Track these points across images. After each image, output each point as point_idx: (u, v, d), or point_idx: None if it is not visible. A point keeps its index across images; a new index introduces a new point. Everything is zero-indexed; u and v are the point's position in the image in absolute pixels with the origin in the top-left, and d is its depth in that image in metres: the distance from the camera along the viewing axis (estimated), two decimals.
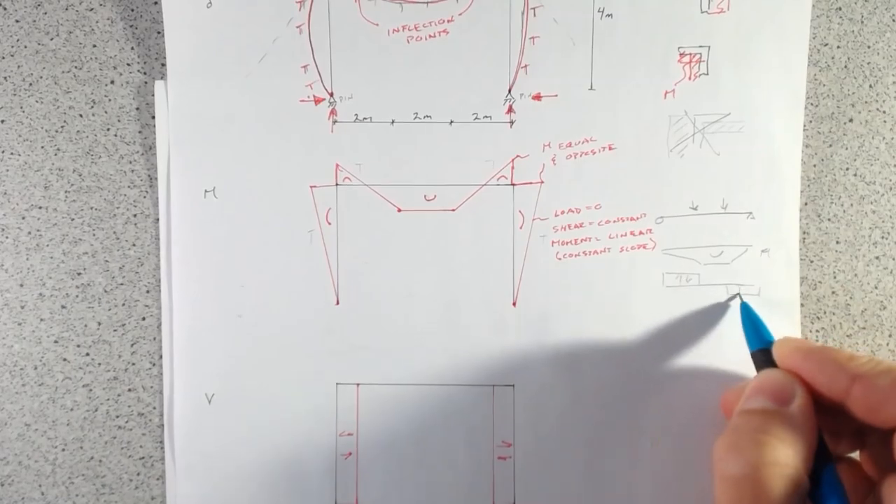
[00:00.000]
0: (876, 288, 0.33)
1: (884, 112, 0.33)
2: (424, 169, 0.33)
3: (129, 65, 0.33)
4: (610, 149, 0.32)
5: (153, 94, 0.33)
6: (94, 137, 0.33)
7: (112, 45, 0.33)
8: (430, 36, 0.32)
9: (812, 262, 0.33)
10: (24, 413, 0.33)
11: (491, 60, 0.32)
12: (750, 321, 0.30)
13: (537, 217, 0.32)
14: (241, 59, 0.32)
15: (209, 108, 0.32)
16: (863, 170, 0.33)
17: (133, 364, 0.33)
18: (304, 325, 0.33)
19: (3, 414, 0.33)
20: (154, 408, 0.33)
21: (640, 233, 0.32)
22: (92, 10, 0.33)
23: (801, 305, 0.33)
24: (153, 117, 0.33)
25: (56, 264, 0.33)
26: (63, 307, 0.33)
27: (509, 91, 0.32)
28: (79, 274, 0.33)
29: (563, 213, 0.32)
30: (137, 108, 0.33)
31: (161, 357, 0.33)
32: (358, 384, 0.33)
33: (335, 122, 0.33)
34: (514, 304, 0.32)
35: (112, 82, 0.33)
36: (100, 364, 0.33)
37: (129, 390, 0.33)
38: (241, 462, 0.32)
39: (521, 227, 0.32)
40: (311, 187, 0.33)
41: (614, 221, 0.32)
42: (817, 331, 0.33)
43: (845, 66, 0.33)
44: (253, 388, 0.32)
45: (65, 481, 0.33)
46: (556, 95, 0.32)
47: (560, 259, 0.32)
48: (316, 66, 0.32)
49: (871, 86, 0.33)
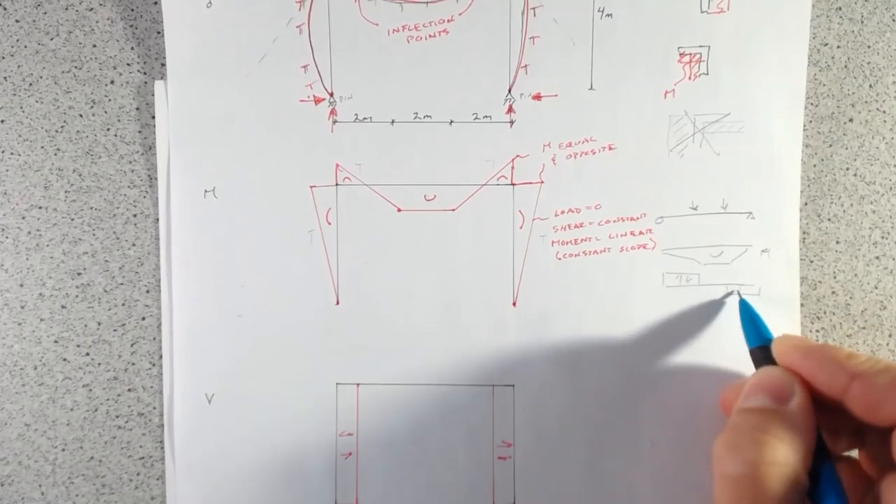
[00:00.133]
0: (876, 288, 0.33)
1: (884, 112, 0.33)
2: (424, 169, 0.33)
3: (129, 65, 0.33)
4: (610, 149, 0.32)
5: (153, 94, 0.33)
6: (94, 137, 0.33)
7: (112, 45, 0.33)
8: (430, 36, 0.32)
9: (812, 262, 0.33)
10: (24, 413, 0.33)
11: (491, 60, 0.32)
12: (749, 318, 0.30)
13: (537, 217, 0.32)
14: (241, 59, 0.32)
15: (209, 108, 0.33)
16: (863, 170, 0.33)
17: (133, 364, 0.33)
18: (304, 325, 0.33)
19: (3, 414, 0.33)
20: (154, 408, 0.33)
21: (640, 233, 0.32)
22: (92, 10, 0.33)
23: (801, 305, 0.33)
24: (153, 117, 0.33)
25: (56, 264, 0.33)
26: (63, 307, 0.33)
27: (509, 91, 0.32)
28: (79, 274, 0.33)
29: (563, 213, 0.32)
30: (137, 108, 0.33)
31: (161, 357, 0.33)
32: (358, 384, 0.33)
33: (335, 122, 0.33)
34: (514, 304, 0.32)
35: (112, 82, 0.33)
36: (100, 364, 0.33)
37: (129, 390, 0.33)
38: (241, 462, 0.32)
39: (521, 227, 0.32)
40: (311, 187, 0.33)
41: (614, 221, 0.32)
42: (817, 331, 0.33)
43: (845, 66, 0.33)
44: (253, 388, 0.32)
45: (65, 481, 0.33)
46: (556, 95, 0.32)
47: (560, 259, 0.32)
48: (316, 66, 0.32)
49: (871, 86, 0.33)
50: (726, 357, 0.32)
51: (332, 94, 0.33)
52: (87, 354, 0.33)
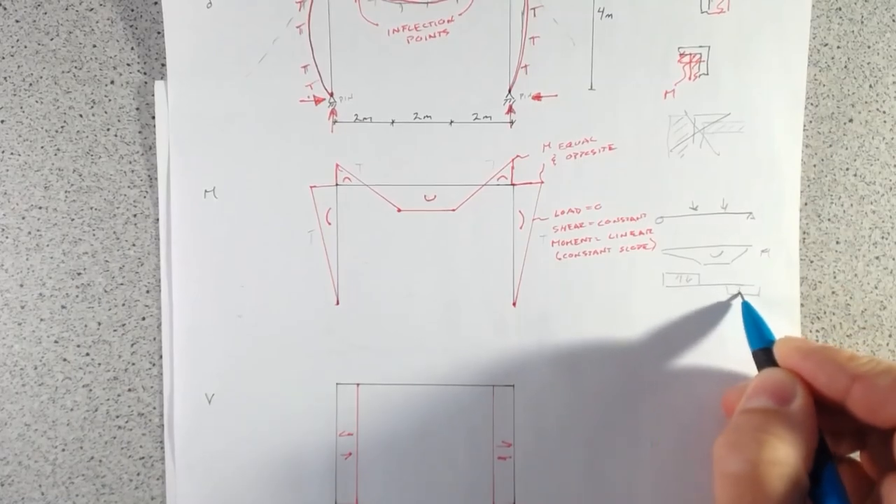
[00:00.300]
0: (876, 288, 0.33)
1: (884, 112, 0.33)
2: (424, 169, 0.33)
3: (129, 65, 0.33)
4: (610, 149, 0.32)
5: (153, 94, 0.33)
6: (94, 137, 0.33)
7: (112, 45, 0.33)
8: (430, 36, 0.32)
9: (812, 262, 0.33)
10: (24, 413, 0.33)
11: (491, 60, 0.32)
12: (751, 320, 0.30)
13: (537, 217, 0.32)
14: (241, 59, 0.32)
15: (209, 108, 0.33)
16: (863, 170, 0.33)
17: (133, 364, 0.33)
18: (304, 325, 0.32)
19: (3, 414, 0.33)
20: (154, 408, 0.33)
21: (640, 233, 0.32)
22: (92, 10, 0.33)
23: (801, 305, 0.33)
24: (153, 117, 0.33)
25: (56, 264, 0.33)
26: (63, 307, 0.33)
27: (509, 91, 0.32)
28: (79, 274, 0.33)
29: (563, 213, 0.32)
30: (137, 108, 0.33)
31: (161, 357, 0.33)
32: (358, 384, 0.33)
33: (335, 122, 0.33)
34: (514, 304, 0.32)
35: (112, 82, 0.33)
36: (100, 364, 0.33)
37: (129, 390, 0.33)
38: (241, 462, 0.32)
39: (521, 227, 0.32)
40: (311, 187, 0.33)
41: (614, 221, 0.32)
42: (817, 331, 0.33)
43: (845, 66, 0.33)
44: (253, 388, 0.32)
45: (65, 481, 0.33)
46: (556, 95, 0.32)
47: (560, 259, 0.32)
48: (316, 66, 0.32)
49: (871, 86, 0.33)
50: (726, 357, 0.32)
51: (332, 94, 0.33)
52: (87, 354, 0.33)
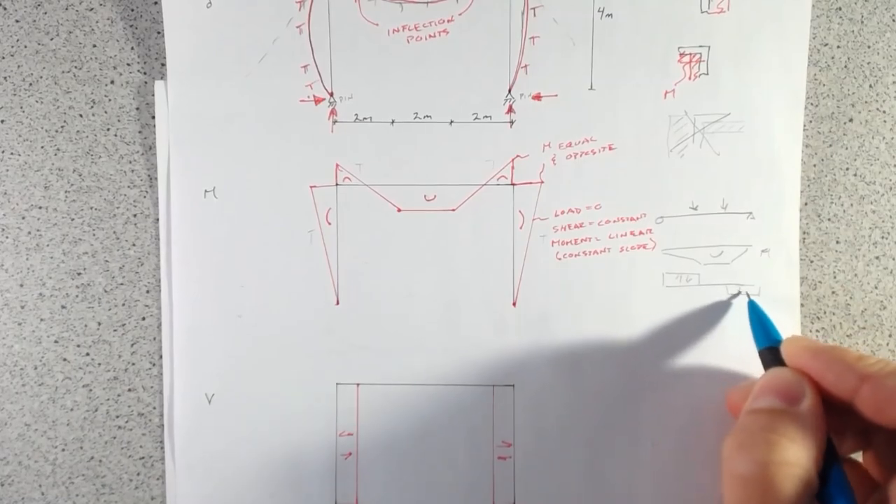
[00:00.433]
0: (876, 288, 0.33)
1: (884, 112, 0.33)
2: (424, 169, 0.33)
3: (129, 65, 0.33)
4: (610, 149, 0.32)
5: (153, 94, 0.33)
6: (94, 137, 0.33)
7: (112, 45, 0.33)
8: (430, 36, 0.32)
9: (812, 262, 0.33)
10: (24, 413, 0.33)
11: (491, 60, 0.32)
12: (758, 319, 0.30)
13: (537, 217, 0.32)
14: (241, 59, 0.32)
15: (209, 108, 0.33)
16: (863, 170, 0.33)
17: (133, 364, 0.33)
18: (304, 325, 0.32)
19: (3, 414, 0.33)
20: (154, 408, 0.33)
21: (640, 233, 0.32)
22: (92, 10, 0.33)
23: (801, 305, 0.33)
24: (153, 117, 0.33)
25: (56, 264, 0.33)
26: (63, 307, 0.33)
27: (509, 91, 0.32)
28: (79, 274, 0.33)
29: (563, 213, 0.32)
30: (137, 108, 0.33)
31: (161, 357, 0.33)
32: (358, 384, 0.33)
33: (335, 122, 0.33)
34: (514, 304, 0.32)
35: (112, 82, 0.33)
36: (100, 364, 0.33)
37: (129, 390, 0.33)
38: (241, 462, 0.32)
39: (521, 227, 0.32)
40: (311, 187, 0.33)
41: (614, 221, 0.32)
42: (817, 331, 0.33)
43: (845, 66, 0.33)
44: (253, 388, 0.32)
45: (65, 481, 0.33)
46: (556, 95, 0.32)
47: (560, 259, 0.32)
48: (316, 66, 0.32)
49: (871, 86, 0.33)
50: (726, 357, 0.32)
51: (332, 94, 0.33)
52: (87, 354, 0.33)
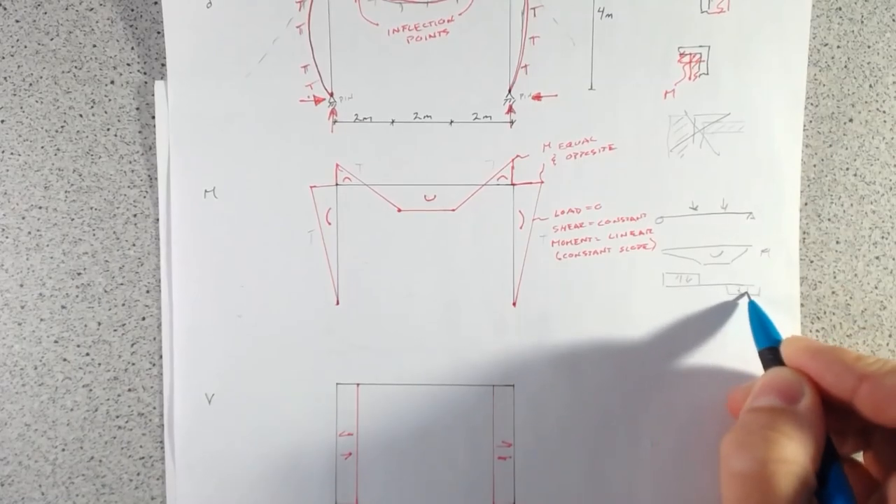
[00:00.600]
0: (876, 288, 0.33)
1: (884, 112, 0.33)
2: (424, 169, 0.33)
3: (129, 65, 0.33)
4: (610, 149, 0.32)
5: (153, 94, 0.33)
6: (94, 137, 0.33)
7: (112, 45, 0.33)
8: (430, 36, 0.32)
9: (812, 262, 0.33)
10: (24, 413, 0.33)
11: (491, 60, 0.32)
12: (758, 319, 0.30)
13: (537, 217, 0.32)
14: (241, 59, 0.32)
15: (209, 108, 0.33)
16: (863, 170, 0.33)
17: (133, 364, 0.33)
18: (304, 325, 0.32)
19: (3, 414, 0.33)
20: (154, 408, 0.33)
21: (640, 233, 0.32)
22: (92, 10, 0.33)
23: (801, 305, 0.33)
24: (153, 117, 0.33)
25: (56, 264, 0.33)
26: (63, 307, 0.33)
27: (509, 91, 0.32)
28: (79, 274, 0.33)
29: (563, 213, 0.32)
30: (137, 108, 0.33)
31: (161, 357, 0.33)
32: (358, 384, 0.33)
33: (335, 122, 0.33)
34: (514, 304, 0.32)
35: (112, 82, 0.33)
36: (100, 364, 0.33)
37: (129, 390, 0.33)
38: (241, 462, 0.32)
39: (521, 227, 0.32)
40: (311, 187, 0.33)
41: (614, 221, 0.32)
42: (817, 331, 0.33)
43: (845, 66, 0.33)
44: (253, 388, 0.32)
45: (65, 481, 0.33)
46: (556, 95, 0.32)
47: (560, 259, 0.32)
48: (316, 66, 0.32)
49: (871, 86, 0.33)
50: (726, 357, 0.32)
51: (332, 94, 0.33)
52: (87, 354, 0.33)
